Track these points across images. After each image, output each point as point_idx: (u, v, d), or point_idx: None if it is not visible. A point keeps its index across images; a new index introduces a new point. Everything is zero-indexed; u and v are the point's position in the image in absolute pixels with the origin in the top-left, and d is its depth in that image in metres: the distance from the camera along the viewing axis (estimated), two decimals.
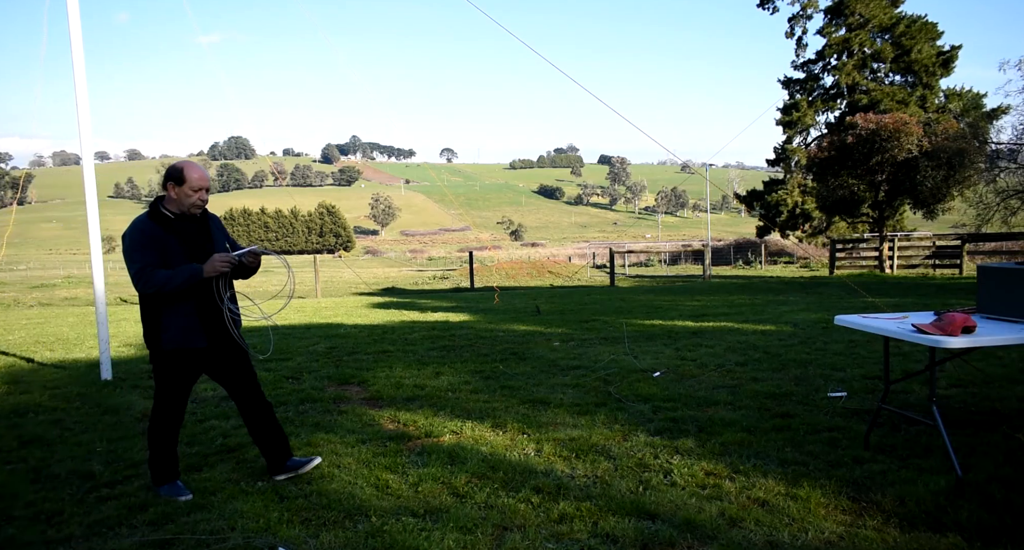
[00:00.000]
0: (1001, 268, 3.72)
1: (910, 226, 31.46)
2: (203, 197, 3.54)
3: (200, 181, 3.52)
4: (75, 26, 6.67)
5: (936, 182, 20.18)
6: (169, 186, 3.51)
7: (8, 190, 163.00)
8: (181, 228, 3.50)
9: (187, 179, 3.47)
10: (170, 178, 3.51)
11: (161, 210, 3.49)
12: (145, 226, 3.44)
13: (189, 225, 3.54)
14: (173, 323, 3.45)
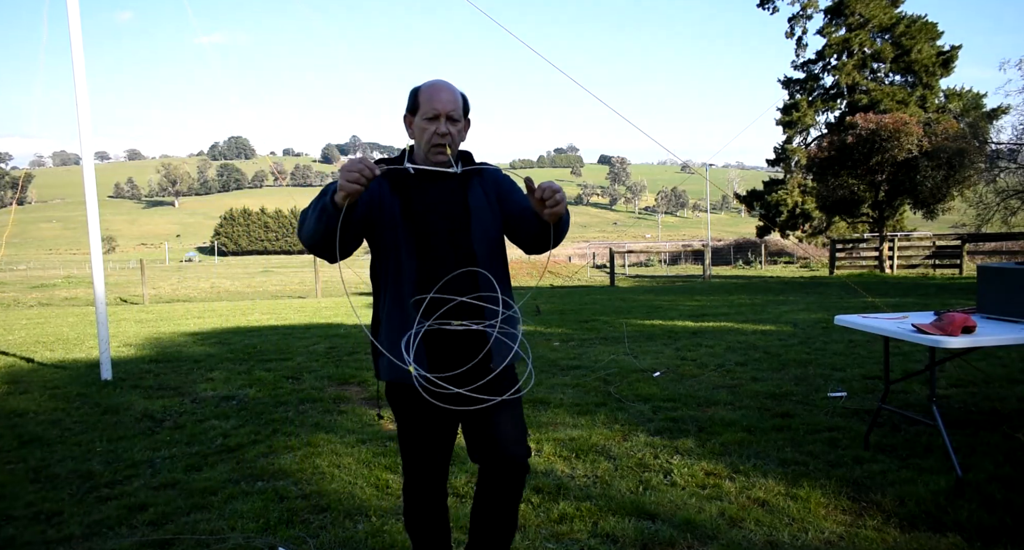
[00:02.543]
0: (1001, 268, 3.72)
1: (910, 226, 31.46)
2: (441, 129, 2.12)
3: (437, 102, 2.13)
4: (75, 26, 6.67)
5: (936, 182, 20.18)
6: (406, 121, 2.24)
7: (8, 190, 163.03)
8: (420, 189, 2.18)
9: (420, 102, 2.15)
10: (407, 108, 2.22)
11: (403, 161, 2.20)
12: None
13: (435, 186, 2.18)
14: (389, 335, 2.16)
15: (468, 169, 2.21)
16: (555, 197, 1.87)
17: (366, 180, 1.85)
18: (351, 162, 1.86)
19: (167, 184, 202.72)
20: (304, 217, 2.04)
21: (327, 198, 1.91)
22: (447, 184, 2.17)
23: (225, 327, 11.14)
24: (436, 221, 2.14)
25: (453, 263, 2.11)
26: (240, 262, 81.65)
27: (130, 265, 61.19)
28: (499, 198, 2.24)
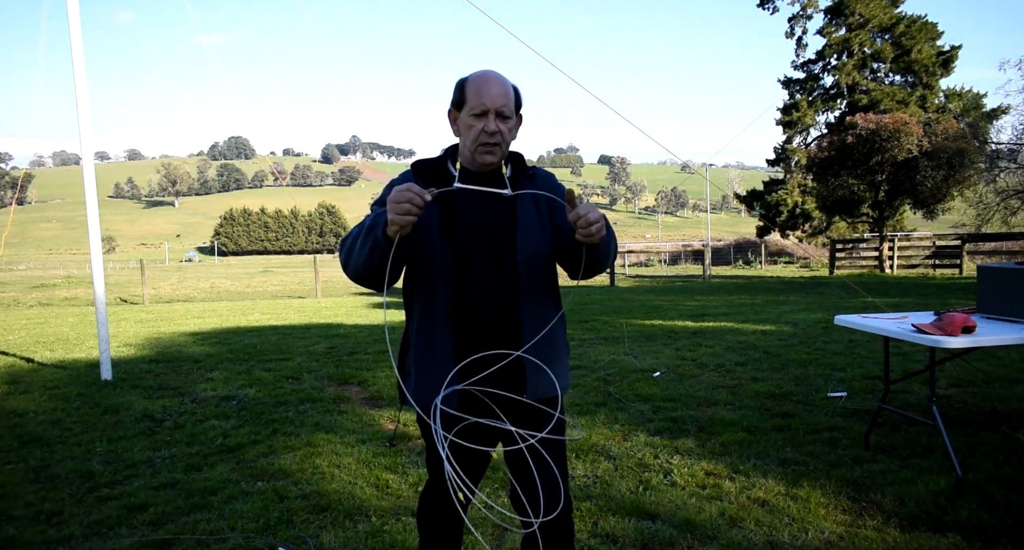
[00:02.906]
0: (1001, 268, 3.72)
1: (910, 226, 31.46)
2: (490, 127, 1.87)
3: (486, 96, 1.87)
4: (75, 26, 6.67)
5: (936, 182, 20.18)
6: (451, 116, 1.99)
7: (8, 190, 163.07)
8: (463, 196, 1.91)
9: (467, 95, 1.90)
10: (452, 102, 1.97)
11: (447, 163, 2.02)
12: (398, 182, 1.91)
13: (480, 192, 1.88)
14: (417, 363, 1.98)
15: (518, 178, 1.99)
16: (589, 226, 1.69)
17: (418, 210, 1.64)
18: (399, 193, 1.63)
19: (167, 184, 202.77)
20: (347, 247, 1.82)
21: (379, 232, 1.69)
22: (497, 188, 1.89)
23: (225, 327, 11.14)
24: (478, 233, 1.91)
25: (493, 282, 1.90)
26: (240, 262, 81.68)
27: (130, 265, 61.23)
28: (550, 209, 2.00)
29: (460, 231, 1.91)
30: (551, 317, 1.98)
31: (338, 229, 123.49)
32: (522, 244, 1.92)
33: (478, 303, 1.90)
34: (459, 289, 1.89)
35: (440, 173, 1.95)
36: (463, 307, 1.90)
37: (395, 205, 1.63)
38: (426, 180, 1.92)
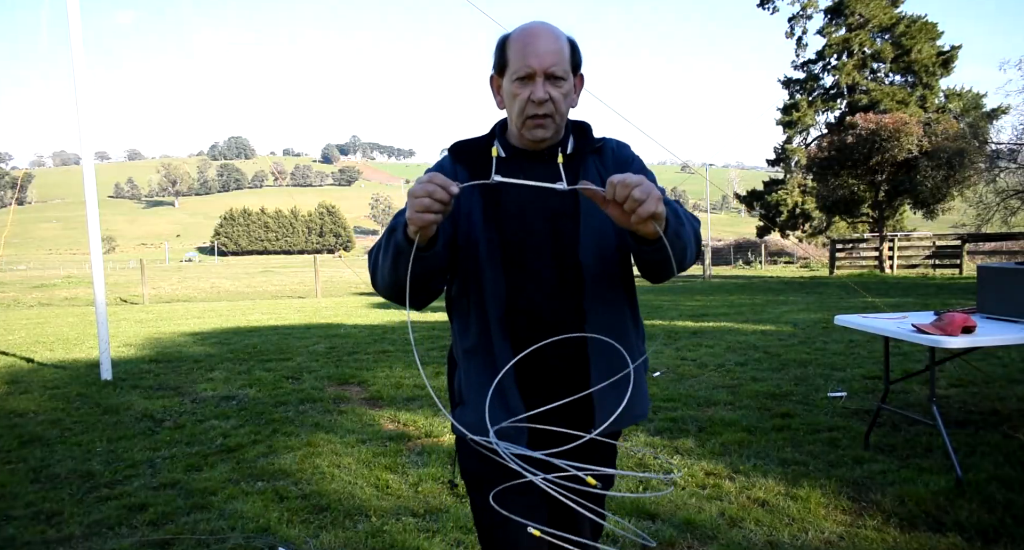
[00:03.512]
0: (1001, 268, 3.72)
1: (910, 226, 31.46)
2: (538, 94, 1.50)
3: (531, 56, 1.50)
4: (75, 26, 6.67)
5: (936, 182, 20.20)
6: (493, 83, 1.63)
7: (8, 190, 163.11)
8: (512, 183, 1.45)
9: (508, 56, 1.54)
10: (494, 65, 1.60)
11: (493, 142, 1.64)
12: (435, 169, 1.60)
13: (533, 173, 1.51)
14: (468, 385, 1.63)
15: (582, 154, 1.59)
16: (631, 193, 1.23)
17: (441, 206, 1.28)
18: (419, 185, 1.30)
19: (167, 184, 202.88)
20: (373, 257, 1.52)
21: (399, 234, 1.38)
22: (551, 169, 1.47)
23: (225, 327, 11.14)
24: (531, 224, 1.54)
25: (553, 283, 1.54)
26: (240, 262, 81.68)
27: (130, 265, 61.22)
28: None
29: (509, 221, 1.55)
30: (625, 325, 1.61)
31: (338, 229, 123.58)
32: (586, 235, 1.54)
33: (535, 310, 1.54)
34: (513, 292, 1.53)
35: (485, 155, 1.54)
36: (518, 315, 1.54)
37: (414, 200, 1.29)
38: (468, 166, 1.58)
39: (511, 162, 1.58)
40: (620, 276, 1.61)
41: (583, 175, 1.56)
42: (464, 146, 1.66)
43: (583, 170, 1.58)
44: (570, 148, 1.60)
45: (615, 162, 1.62)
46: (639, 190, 1.22)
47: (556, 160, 1.47)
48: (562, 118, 1.54)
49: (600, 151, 1.63)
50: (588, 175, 1.57)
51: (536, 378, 1.55)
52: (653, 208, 1.23)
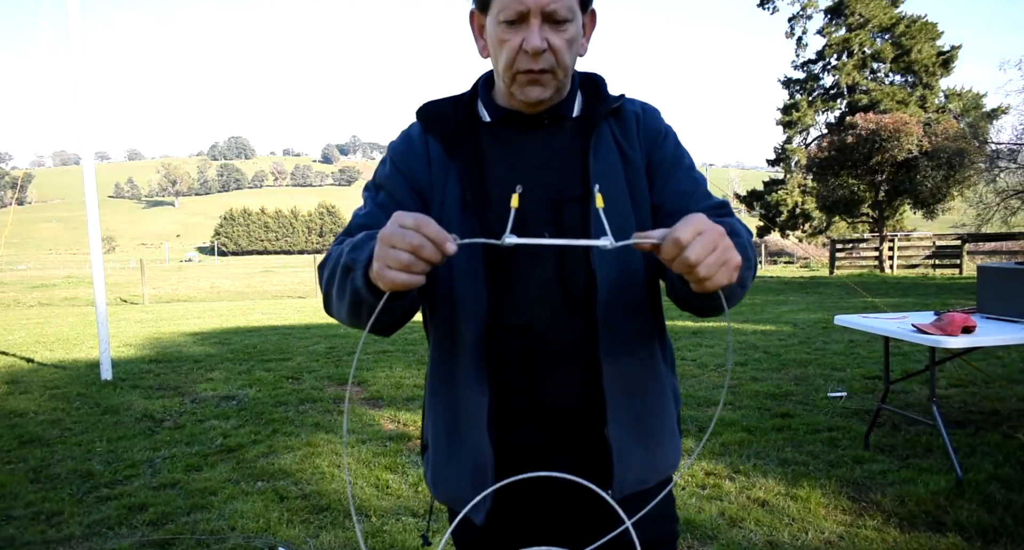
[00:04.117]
0: (1001, 268, 3.72)
1: (910, 226, 31.46)
2: (532, 42, 1.07)
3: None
4: (75, 25, 6.67)
5: (936, 182, 20.21)
6: (473, 22, 1.23)
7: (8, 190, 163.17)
8: (498, 148, 1.18)
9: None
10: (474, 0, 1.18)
11: (476, 104, 1.24)
12: (398, 145, 1.25)
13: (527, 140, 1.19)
14: (436, 438, 1.24)
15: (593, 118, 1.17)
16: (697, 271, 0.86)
17: (426, 267, 0.87)
18: (398, 231, 0.86)
19: (167, 184, 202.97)
20: (326, 290, 1.09)
21: (359, 281, 0.95)
22: (550, 138, 1.17)
23: (225, 327, 11.14)
24: (525, 212, 1.11)
25: (555, 298, 1.12)
26: (240, 262, 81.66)
27: (130, 265, 61.23)
28: (650, 169, 1.19)
29: (494, 208, 1.12)
30: (651, 347, 1.19)
31: (338, 229, 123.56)
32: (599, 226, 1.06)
33: (527, 328, 1.12)
34: (497, 305, 1.11)
35: (464, 125, 1.18)
36: (503, 336, 1.12)
37: (390, 251, 0.86)
38: (444, 138, 1.17)
39: (499, 130, 1.18)
40: (645, 281, 1.16)
41: (596, 147, 1.15)
42: (437, 110, 1.22)
43: (597, 140, 1.16)
44: (577, 109, 1.20)
45: (642, 134, 1.20)
46: (710, 261, 0.84)
47: (558, 126, 1.17)
48: (566, 72, 1.13)
49: (619, 115, 1.21)
50: (602, 147, 1.16)
51: (523, 422, 1.14)
52: (725, 281, 0.87)
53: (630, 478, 1.15)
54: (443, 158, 1.17)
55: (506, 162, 1.17)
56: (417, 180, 1.18)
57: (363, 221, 1.15)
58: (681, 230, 0.85)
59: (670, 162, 1.21)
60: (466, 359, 1.13)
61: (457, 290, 1.13)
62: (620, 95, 1.24)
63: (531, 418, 1.15)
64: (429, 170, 1.18)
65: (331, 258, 1.08)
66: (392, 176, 1.20)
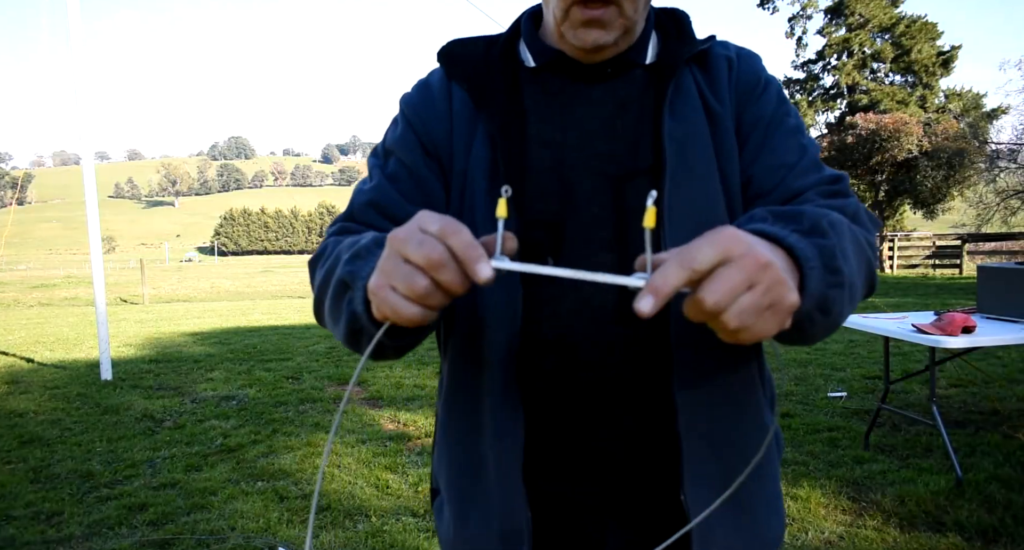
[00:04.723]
0: (1001, 268, 3.72)
1: (910, 226, 31.49)
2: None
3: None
4: (75, 25, 6.67)
5: (936, 182, 20.22)
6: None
7: (8, 190, 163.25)
8: (547, 103, 0.88)
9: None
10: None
11: (516, 47, 0.93)
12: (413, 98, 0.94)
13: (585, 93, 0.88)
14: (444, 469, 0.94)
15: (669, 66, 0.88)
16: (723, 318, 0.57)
17: (440, 302, 0.60)
18: (418, 239, 0.59)
19: (167, 184, 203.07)
20: (317, 303, 0.83)
21: (358, 305, 0.70)
22: (613, 91, 0.88)
23: (225, 327, 11.14)
24: (577, 189, 0.85)
25: (615, 312, 0.83)
26: (240, 262, 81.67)
27: (130, 265, 61.26)
28: (741, 132, 0.89)
29: (540, 186, 0.86)
30: (749, 377, 0.88)
31: None
32: (678, 213, 0.82)
33: (576, 345, 0.84)
34: (535, 314, 0.84)
35: (499, 70, 0.90)
36: (543, 353, 0.85)
37: (403, 268, 0.60)
38: (472, 84, 0.89)
39: (546, 78, 0.89)
40: None
41: (674, 102, 0.86)
42: (464, 53, 0.93)
43: (675, 92, 0.87)
44: (651, 55, 0.90)
45: (734, 85, 0.90)
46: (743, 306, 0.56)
47: (625, 76, 0.88)
48: (637, 8, 0.84)
49: (705, 62, 0.91)
50: (682, 102, 0.87)
51: (566, 472, 0.87)
52: (771, 330, 0.59)
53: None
54: (469, 111, 0.89)
55: (554, 121, 0.87)
56: (435, 143, 0.89)
57: (370, 197, 0.87)
58: (698, 251, 0.56)
59: (768, 123, 0.89)
60: (494, 388, 0.84)
61: (486, 296, 0.84)
62: (710, 36, 0.94)
63: (577, 467, 0.86)
64: (451, 128, 0.89)
65: (326, 256, 0.82)
66: (405, 137, 0.91)
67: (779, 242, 0.65)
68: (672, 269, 0.55)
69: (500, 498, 0.85)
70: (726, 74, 0.90)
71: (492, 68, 0.90)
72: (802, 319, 0.67)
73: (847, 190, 0.85)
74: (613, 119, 0.87)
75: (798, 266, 0.65)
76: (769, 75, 0.93)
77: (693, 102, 0.87)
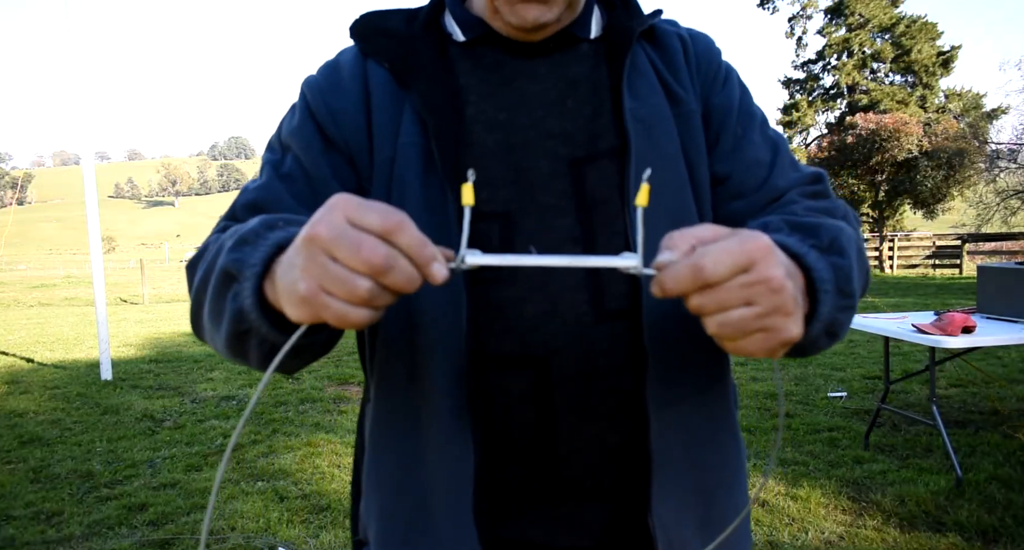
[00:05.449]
0: (1001, 268, 3.72)
1: (910, 226, 31.50)
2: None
3: None
4: (75, 25, 6.67)
5: (936, 182, 20.22)
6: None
7: (8, 190, 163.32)
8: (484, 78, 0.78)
9: None
10: None
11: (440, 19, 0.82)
12: (318, 81, 0.81)
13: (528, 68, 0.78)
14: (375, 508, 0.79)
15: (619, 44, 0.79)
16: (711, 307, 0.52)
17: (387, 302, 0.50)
18: (343, 232, 0.49)
19: (167, 184, 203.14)
20: (195, 288, 0.67)
21: (246, 289, 0.57)
22: (558, 67, 0.79)
23: None
24: (532, 175, 0.75)
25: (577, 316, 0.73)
26: None
27: (130, 265, 61.21)
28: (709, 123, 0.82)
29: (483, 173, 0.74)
30: (723, 388, 0.82)
31: None
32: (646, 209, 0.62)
33: (531, 357, 0.73)
34: (484, 333, 0.74)
35: (424, 44, 0.80)
36: (497, 380, 0.74)
37: (328, 267, 0.49)
38: (393, 61, 0.78)
39: (480, 52, 0.79)
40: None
41: (631, 79, 0.78)
42: (383, 26, 0.82)
43: (634, 71, 0.79)
44: (595, 29, 0.81)
45: (695, 67, 0.82)
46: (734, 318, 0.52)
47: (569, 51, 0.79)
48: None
49: (654, 38, 0.83)
50: (639, 80, 0.79)
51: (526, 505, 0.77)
52: (759, 353, 0.54)
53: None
54: (392, 92, 0.77)
55: (496, 99, 0.77)
56: (343, 134, 0.77)
57: (254, 197, 0.75)
58: (713, 258, 0.51)
59: (738, 114, 0.82)
60: (437, 409, 0.72)
61: (421, 300, 0.72)
62: (657, 10, 0.84)
63: (538, 499, 0.75)
64: (367, 112, 0.77)
65: (205, 254, 0.68)
66: (303, 129, 0.78)
67: (798, 260, 0.61)
68: (684, 273, 0.51)
69: (447, 543, 0.73)
70: (681, 54, 0.82)
71: (416, 43, 0.79)
72: (806, 344, 0.63)
73: (828, 190, 0.81)
74: (563, 97, 0.77)
75: (812, 287, 0.60)
76: (726, 61, 0.86)
77: (650, 81, 0.79)
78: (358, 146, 0.77)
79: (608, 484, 0.76)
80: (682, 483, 0.75)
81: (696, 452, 0.77)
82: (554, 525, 0.76)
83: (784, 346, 0.54)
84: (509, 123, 0.76)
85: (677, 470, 0.75)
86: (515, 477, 0.75)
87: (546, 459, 0.74)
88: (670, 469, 0.74)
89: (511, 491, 0.76)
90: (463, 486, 0.72)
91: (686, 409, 0.76)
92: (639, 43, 0.81)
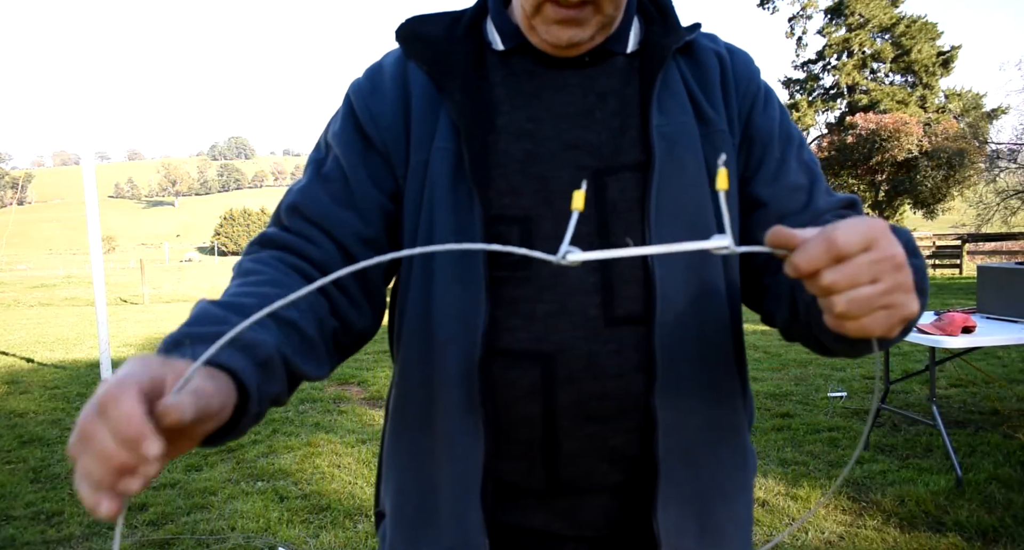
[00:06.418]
0: (1001, 268, 3.73)
1: (910, 226, 31.51)
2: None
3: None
4: (76, 25, 6.67)
5: (936, 182, 20.24)
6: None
7: (8, 190, 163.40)
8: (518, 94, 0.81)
9: None
10: None
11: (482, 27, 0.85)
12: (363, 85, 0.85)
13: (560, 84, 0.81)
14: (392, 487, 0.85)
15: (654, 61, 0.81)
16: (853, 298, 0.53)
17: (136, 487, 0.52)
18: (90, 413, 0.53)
19: (167, 184, 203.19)
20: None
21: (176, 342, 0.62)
22: (591, 80, 0.81)
23: None
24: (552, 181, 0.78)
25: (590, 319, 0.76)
26: None
27: (130, 265, 61.24)
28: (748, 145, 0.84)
29: (509, 181, 0.78)
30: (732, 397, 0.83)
31: None
32: (665, 207, 0.77)
33: (547, 356, 0.76)
34: (499, 320, 0.77)
35: (463, 50, 0.82)
36: (510, 376, 0.77)
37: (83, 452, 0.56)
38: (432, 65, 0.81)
39: (516, 62, 0.82)
40: (726, 302, 0.81)
41: (661, 96, 0.80)
42: (425, 31, 0.84)
43: (665, 87, 0.80)
44: (632, 43, 0.82)
45: (733, 87, 0.83)
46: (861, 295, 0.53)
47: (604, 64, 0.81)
48: (618, 7, 0.77)
49: (691, 53, 0.84)
50: (669, 97, 0.80)
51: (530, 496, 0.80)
52: (878, 331, 0.55)
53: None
54: (431, 96, 0.80)
55: (526, 109, 0.79)
56: (381, 133, 0.80)
57: (295, 200, 0.79)
58: (843, 232, 0.52)
59: (777, 138, 0.83)
60: (450, 398, 0.76)
61: (437, 293, 0.77)
62: (695, 24, 0.85)
63: (543, 491, 0.78)
64: (406, 116, 0.80)
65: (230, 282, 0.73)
66: (345, 131, 0.82)
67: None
68: (816, 249, 0.52)
69: (454, 528, 0.76)
70: (717, 73, 0.83)
71: (456, 48, 0.82)
72: (893, 336, 0.60)
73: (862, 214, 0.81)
74: (592, 109, 0.80)
75: None
76: (763, 80, 0.88)
77: (680, 98, 0.81)
78: (396, 148, 0.81)
79: (609, 484, 0.79)
80: (683, 491, 0.77)
81: (698, 463, 0.79)
82: (556, 516, 0.80)
83: (902, 323, 0.55)
84: (535, 133, 0.79)
85: (678, 478, 0.77)
86: (519, 469, 0.79)
87: (548, 453, 0.78)
88: (672, 476, 0.77)
89: (516, 481, 0.79)
90: (472, 474, 0.76)
91: (694, 421, 0.78)
92: (674, 58, 0.83)
